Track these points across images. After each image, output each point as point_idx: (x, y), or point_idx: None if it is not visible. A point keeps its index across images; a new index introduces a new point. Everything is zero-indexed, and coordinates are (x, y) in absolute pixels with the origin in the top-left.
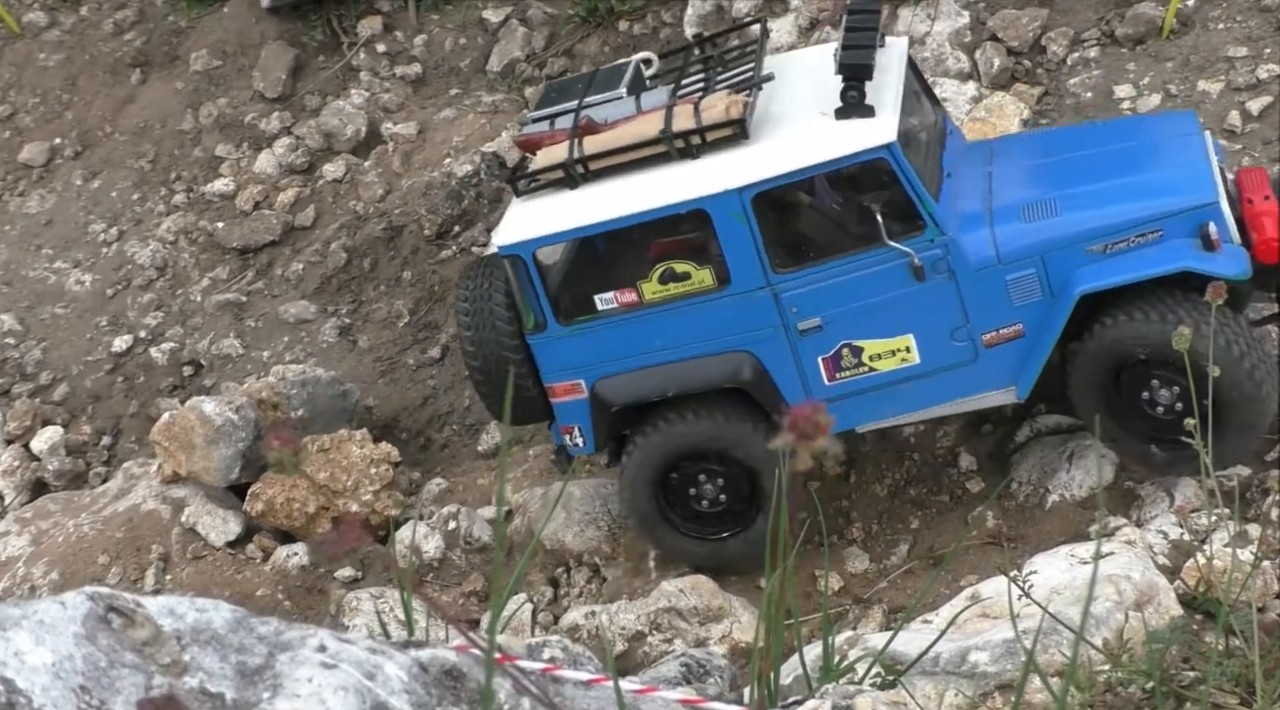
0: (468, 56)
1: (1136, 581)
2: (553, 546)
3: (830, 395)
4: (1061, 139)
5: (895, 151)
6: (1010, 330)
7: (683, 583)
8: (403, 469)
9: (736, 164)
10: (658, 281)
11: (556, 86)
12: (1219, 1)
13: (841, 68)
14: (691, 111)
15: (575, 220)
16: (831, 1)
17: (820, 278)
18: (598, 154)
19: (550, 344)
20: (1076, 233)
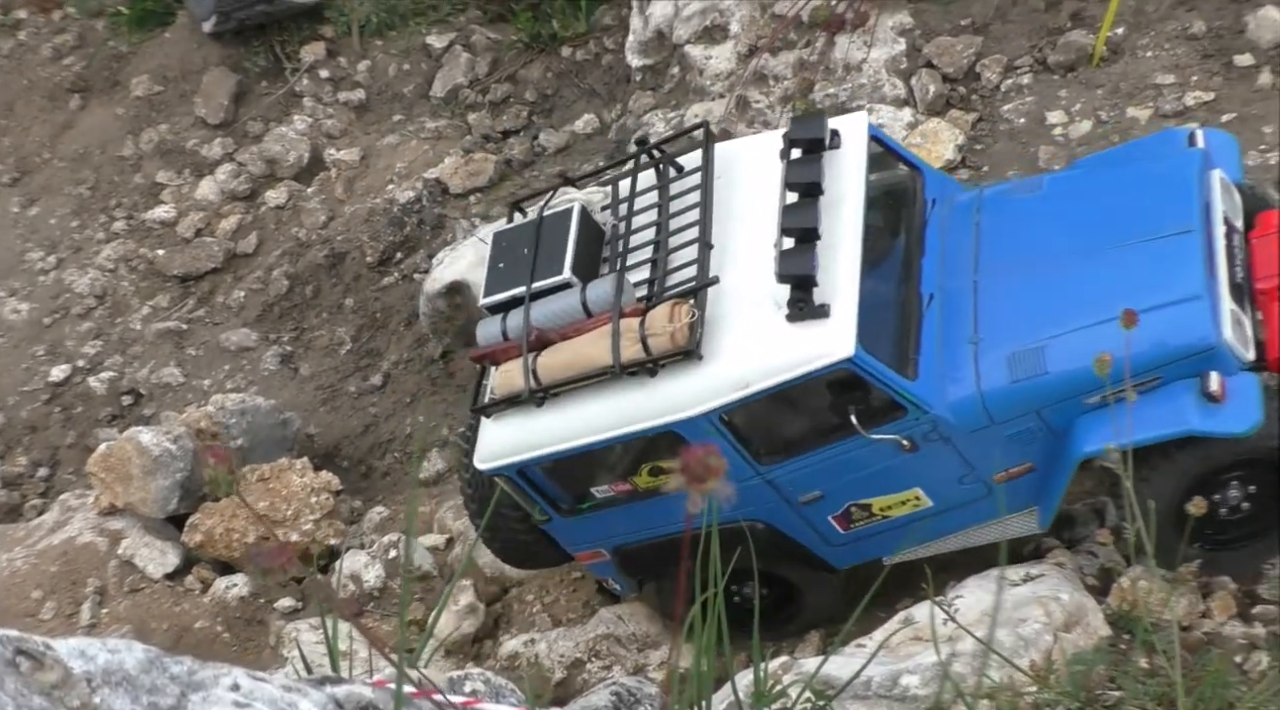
0: (411, 82)
1: (1065, 603)
2: (492, 574)
3: (849, 539)
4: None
5: (860, 360)
6: (1020, 468)
7: (621, 609)
8: (344, 497)
9: (695, 388)
10: (648, 475)
11: (505, 246)
12: (1147, 30)
13: (781, 278)
14: (637, 334)
15: (549, 445)
16: (770, 30)
17: (809, 464)
18: (554, 384)
19: (562, 528)
20: (1068, 389)
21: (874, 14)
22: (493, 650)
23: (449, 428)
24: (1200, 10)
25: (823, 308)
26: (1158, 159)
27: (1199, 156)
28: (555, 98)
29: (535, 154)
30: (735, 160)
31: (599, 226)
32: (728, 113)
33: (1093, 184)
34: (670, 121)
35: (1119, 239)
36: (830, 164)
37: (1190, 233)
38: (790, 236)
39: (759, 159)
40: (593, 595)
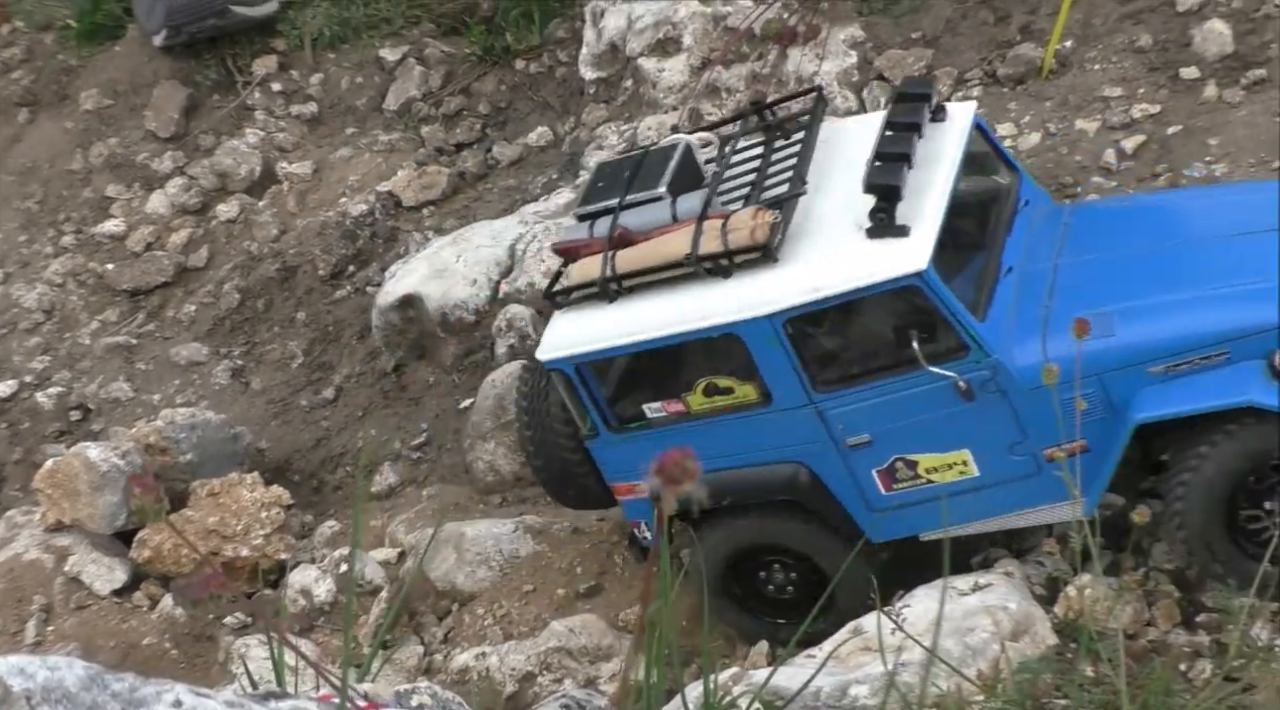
0: (364, 95)
1: (1013, 612)
2: (444, 588)
3: (890, 504)
4: (1136, 219)
5: (928, 278)
6: (1072, 446)
7: (573, 622)
8: (295, 512)
9: (765, 289)
10: (702, 394)
11: (607, 173)
12: (1095, 43)
13: (868, 187)
14: (719, 231)
15: (613, 339)
16: (723, 42)
17: (864, 398)
18: (629, 273)
19: (606, 448)
20: (1135, 354)
21: (825, 27)
22: (444, 664)
23: (401, 441)
24: (1147, 24)
25: (902, 227)
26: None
27: None
28: (509, 111)
29: (489, 167)
30: (842, 132)
31: (699, 167)
32: (680, 125)
33: (1183, 195)
34: (623, 134)
35: (1202, 234)
36: (934, 132)
37: (1271, 232)
38: (883, 160)
39: (864, 130)
40: (545, 608)
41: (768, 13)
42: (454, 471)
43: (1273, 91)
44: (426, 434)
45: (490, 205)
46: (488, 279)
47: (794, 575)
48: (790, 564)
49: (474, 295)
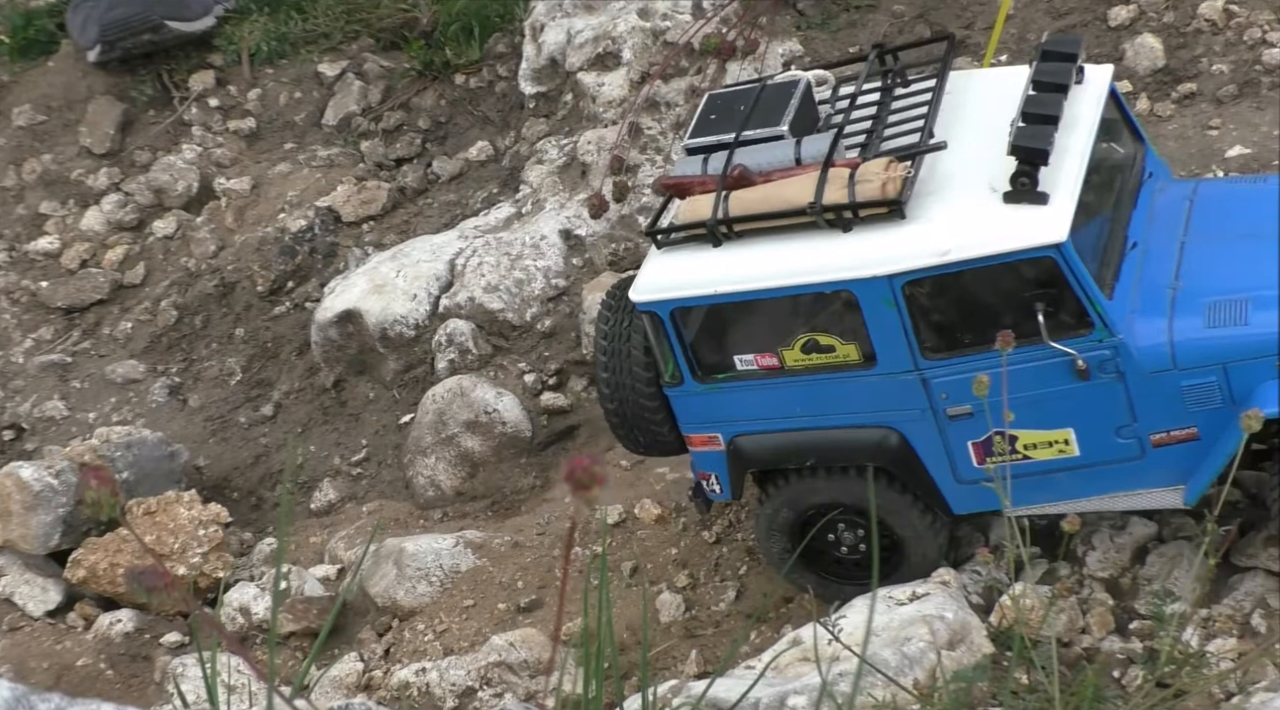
0: (303, 110)
1: (950, 621)
2: (384, 604)
3: (979, 477)
4: (1266, 202)
5: (1066, 251)
6: (1183, 433)
7: (513, 636)
8: (233, 529)
9: (889, 247)
10: (800, 350)
11: (719, 103)
12: (1027, 55)
13: (1014, 149)
14: (846, 181)
15: (715, 286)
16: (662, 57)
17: (974, 368)
18: (744, 217)
19: (687, 398)
20: (1267, 345)
21: (764, 41)
22: (384, 680)
23: (341, 457)
24: (1080, 38)
25: (1042, 194)
26: None
27: None
28: (449, 125)
29: (429, 182)
30: (971, 83)
31: (817, 108)
32: (620, 139)
33: None
34: (564, 148)
35: None
36: (1072, 94)
37: None
38: (1030, 122)
39: (997, 84)
40: (485, 623)
41: (706, 27)
42: (394, 487)
43: (1202, 104)
44: (366, 450)
45: (430, 220)
46: (427, 294)
47: (863, 537)
48: (861, 524)
49: (414, 310)
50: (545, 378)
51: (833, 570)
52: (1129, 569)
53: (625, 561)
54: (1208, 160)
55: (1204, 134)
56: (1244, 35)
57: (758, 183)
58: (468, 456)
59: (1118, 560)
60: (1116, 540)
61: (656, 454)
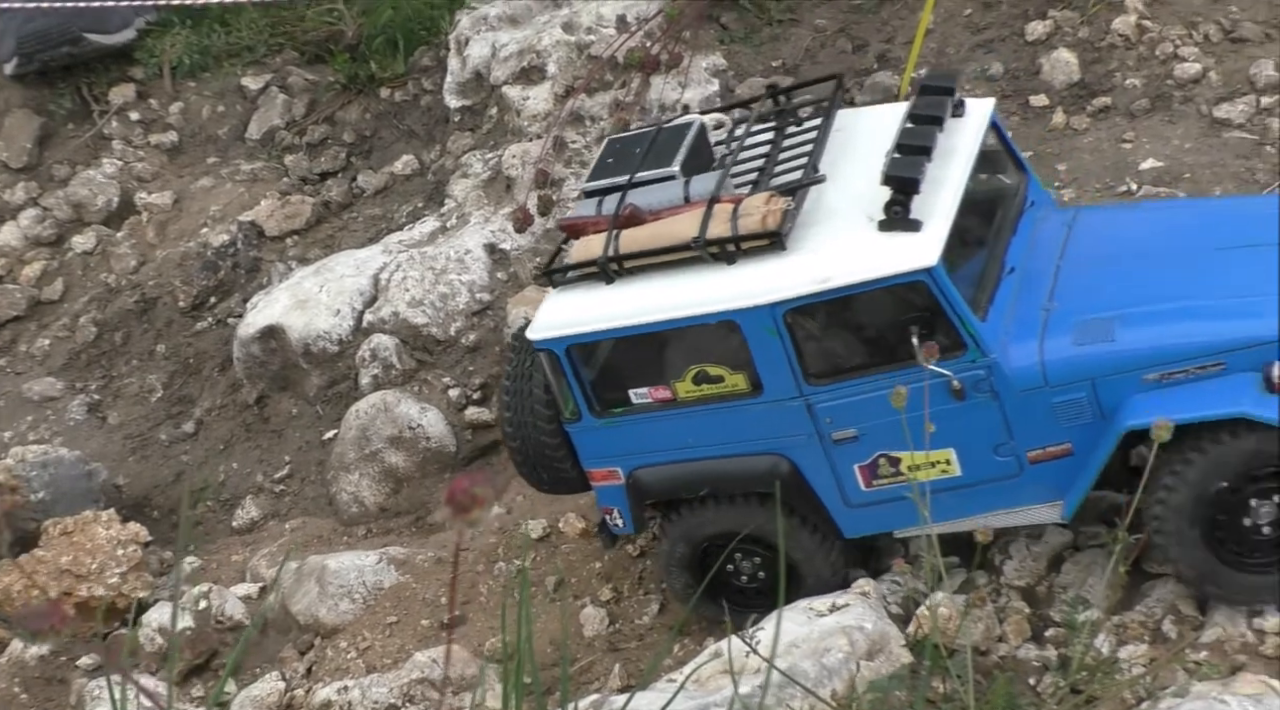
0: (226, 124)
1: (869, 631)
2: (306, 622)
3: (868, 501)
4: (1139, 227)
5: (937, 275)
6: (1058, 448)
7: (436, 652)
8: (153, 549)
9: (770, 277)
10: (691, 381)
11: (618, 147)
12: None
13: (887, 178)
14: (729, 215)
15: (607, 321)
16: (587, 71)
17: (855, 392)
18: (632, 254)
19: (587, 433)
20: (1131, 360)
21: (687, 55)
22: (305, 699)
23: (263, 474)
24: (998, 53)
25: (915, 222)
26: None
27: None
28: (374, 139)
29: (354, 196)
30: (859, 120)
31: (712, 148)
32: (544, 153)
33: (1188, 204)
34: (489, 162)
35: (1203, 245)
36: (952, 127)
37: (1274, 247)
38: (903, 152)
39: (881, 120)
40: (408, 639)
41: (630, 42)
42: (317, 504)
43: (1116, 118)
44: (289, 466)
45: (355, 234)
46: (351, 309)
47: (760, 564)
48: (757, 552)
49: (337, 325)
50: (470, 392)
51: (735, 599)
52: (1045, 577)
53: (549, 576)
54: (1122, 173)
55: (1118, 147)
56: (1156, 50)
57: (648, 221)
58: (391, 472)
59: (1034, 569)
60: (1033, 549)
61: (562, 491)
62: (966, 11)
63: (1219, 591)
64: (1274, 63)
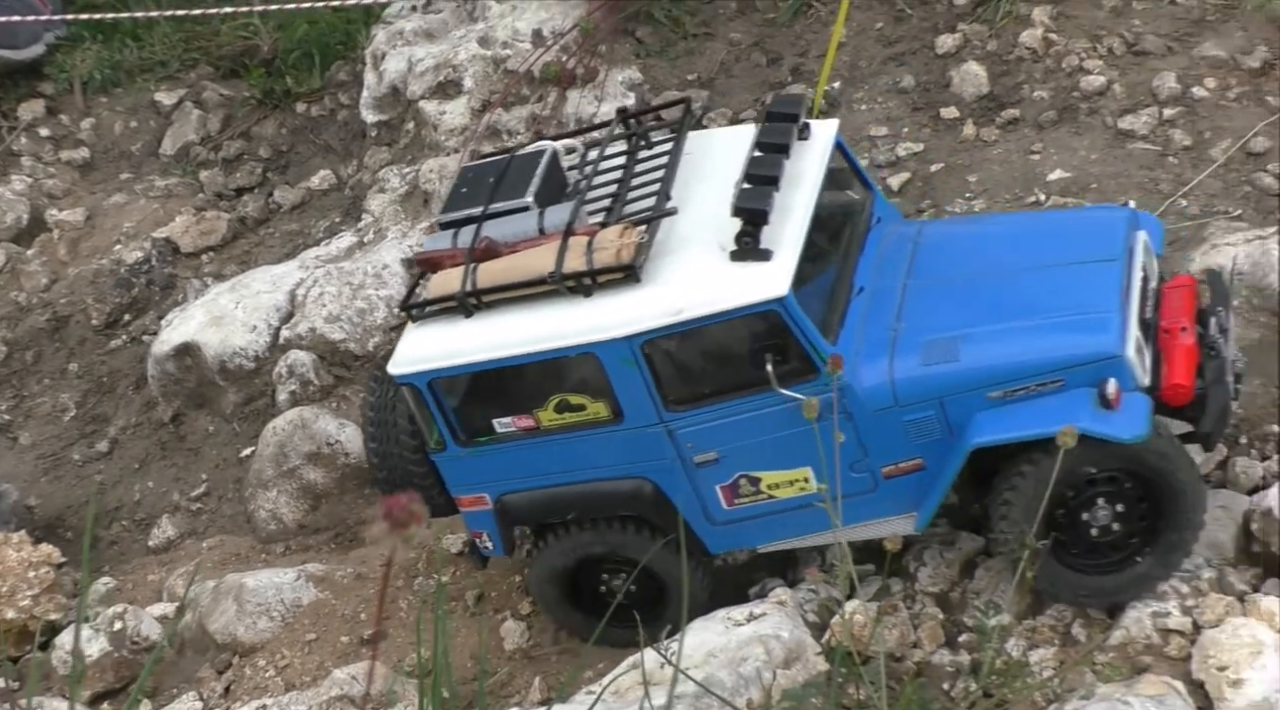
0: (139, 140)
1: (785, 640)
2: (224, 640)
3: (730, 518)
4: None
5: (788, 304)
6: (910, 464)
7: (355, 669)
8: (66, 570)
9: (626, 310)
10: (553, 410)
11: (471, 176)
12: (861, 84)
13: (736, 210)
14: (584, 249)
15: (467, 355)
16: (503, 85)
17: (714, 417)
18: (490, 288)
19: (453, 462)
20: (975, 379)
21: (603, 69)
22: None
23: (180, 492)
24: (909, 66)
25: (766, 251)
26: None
27: (1129, 212)
28: (290, 154)
29: (270, 211)
30: (708, 142)
31: (564, 175)
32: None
33: (1028, 220)
34: (406, 177)
35: (1047, 261)
36: (797, 150)
37: (1113, 262)
38: (752, 182)
39: (731, 144)
40: (328, 656)
41: (546, 55)
42: (235, 521)
43: (1025, 129)
44: (206, 484)
45: (273, 250)
46: (267, 325)
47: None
48: (627, 571)
49: (253, 342)
50: None
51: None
52: (958, 583)
53: (470, 590)
54: (1030, 184)
55: (1026, 158)
56: (1062, 63)
57: (504, 254)
58: (310, 488)
59: (948, 575)
60: (946, 555)
61: (432, 517)
62: (878, 25)
63: (1062, 593)
64: (1175, 75)
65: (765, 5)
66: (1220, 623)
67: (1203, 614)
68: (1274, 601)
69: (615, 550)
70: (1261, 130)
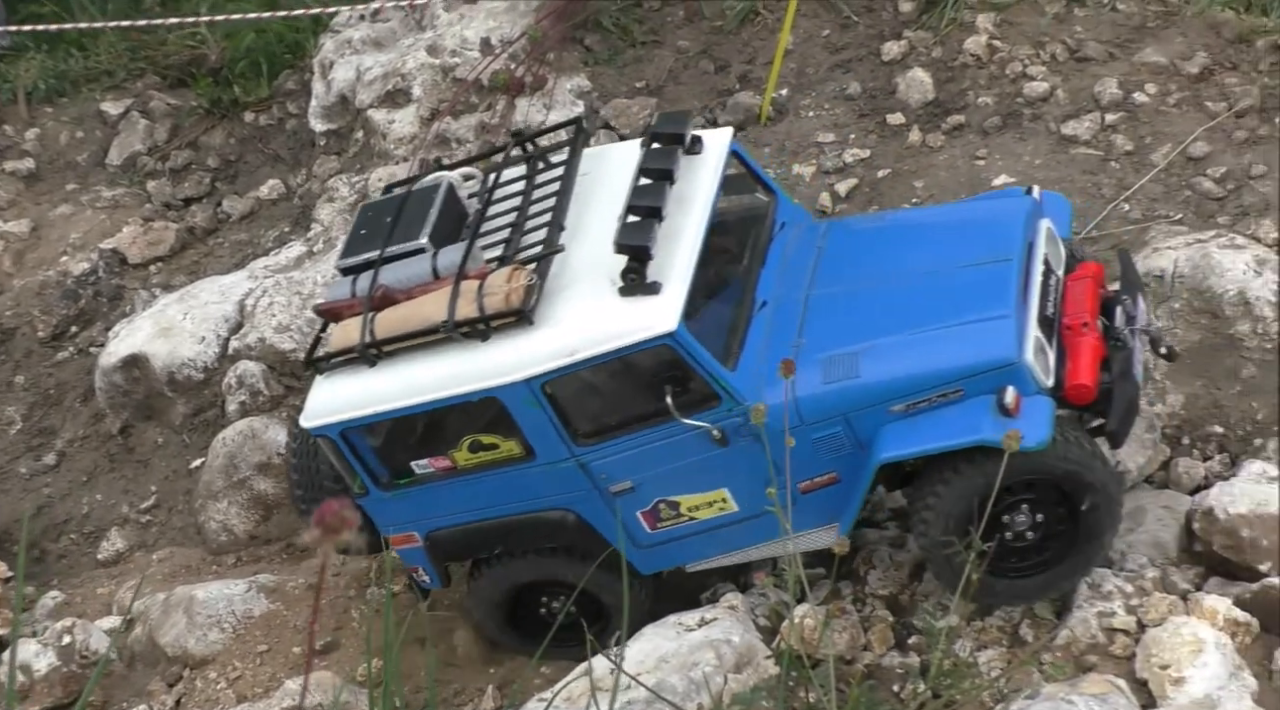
0: (85, 150)
1: (737, 645)
2: (175, 654)
3: (656, 541)
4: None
5: (680, 338)
6: (824, 478)
7: (309, 680)
8: (14, 585)
9: (523, 352)
10: (468, 450)
11: (370, 215)
12: (809, 91)
13: (619, 248)
14: (475, 295)
15: (374, 405)
16: (452, 94)
17: (624, 448)
18: (389, 339)
19: (378, 504)
20: (876, 395)
21: (552, 77)
22: None
23: (129, 504)
24: (856, 72)
25: (654, 285)
26: (993, 203)
27: (1030, 203)
28: (239, 164)
29: (219, 221)
30: (603, 159)
31: (464, 206)
32: (411, 176)
33: (930, 218)
34: (355, 186)
35: (944, 263)
36: (689, 166)
37: (1009, 262)
38: (635, 214)
39: (625, 160)
40: (280, 667)
41: (495, 64)
42: (185, 533)
43: (970, 135)
44: (156, 496)
45: (221, 260)
46: (216, 336)
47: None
48: (564, 593)
49: (202, 353)
50: None
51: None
52: (908, 586)
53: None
54: (976, 188)
55: (972, 164)
56: (1006, 69)
57: (401, 300)
58: (261, 499)
59: (897, 577)
60: (895, 558)
61: (368, 553)
62: (825, 32)
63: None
64: (1117, 81)
65: (713, 13)
66: (1163, 621)
67: (1147, 613)
68: (1216, 600)
69: (549, 576)
70: (1201, 135)
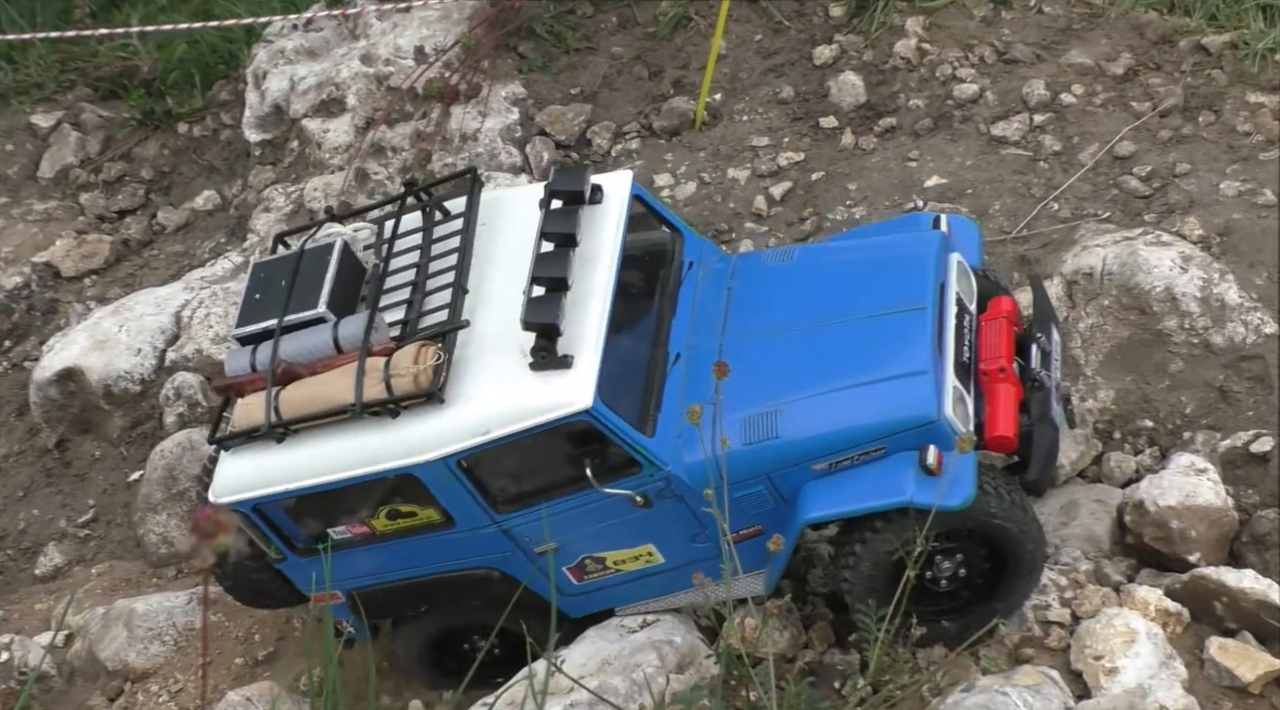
0: (16, 163)
1: (678, 645)
2: (115, 667)
3: (583, 591)
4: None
5: (596, 412)
6: (749, 531)
7: (250, 690)
8: None
9: (435, 431)
10: (386, 518)
11: (263, 276)
12: (742, 95)
13: (526, 325)
14: (381, 374)
15: (285, 483)
16: (386, 102)
17: (545, 513)
18: (295, 419)
19: (296, 568)
20: (796, 454)
21: (487, 85)
22: None
23: (67, 519)
24: (788, 76)
25: (566, 358)
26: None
27: (940, 238)
28: (173, 175)
29: (154, 233)
30: (501, 208)
31: (360, 264)
32: (346, 185)
33: (839, 258)
34: (291, 196)
35: (857, 311)
36: (590, 218)
37: (923, 310)
38: (540, 285)
39: (524, 208)
40: (222, 679)
41: (429, 72)
42: (125, 547)
43: (902, 137)
44: (94, 510)
45: (158, 272)
46: (153, 348)
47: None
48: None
49: (139, 365)
50: None
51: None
52: None
53: None
54: (909, 190)
55: (904, 166)
56: (936, 72)
57: (304, 375)
58: None
59: (837, 575)
60: None
61: (288, 605)
62: (757, 37)
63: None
64: (1044, 83)
65: (646, 19)
66: (1097, 613)
67: (1081, 605)
68: (1147, 591)
69: (472, 622)
70: (1127, 135)
